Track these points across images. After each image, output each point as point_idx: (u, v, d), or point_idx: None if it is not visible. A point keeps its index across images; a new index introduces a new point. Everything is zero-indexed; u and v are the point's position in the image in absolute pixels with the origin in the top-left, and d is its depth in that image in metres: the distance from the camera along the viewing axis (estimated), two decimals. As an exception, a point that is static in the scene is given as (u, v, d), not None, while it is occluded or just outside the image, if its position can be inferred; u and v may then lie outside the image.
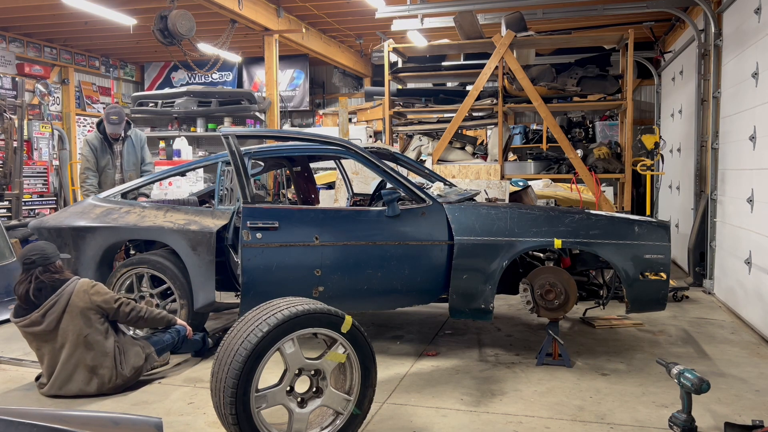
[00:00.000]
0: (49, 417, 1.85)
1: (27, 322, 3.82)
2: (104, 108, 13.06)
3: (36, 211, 9.22)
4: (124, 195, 5.03)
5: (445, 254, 4.31)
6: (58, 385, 3.80)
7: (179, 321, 4.25)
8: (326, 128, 12.58)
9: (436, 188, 4.70)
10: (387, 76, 7.64)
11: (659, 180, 9.36)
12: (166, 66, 14.43)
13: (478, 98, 7.18)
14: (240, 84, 14.11)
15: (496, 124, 7.34)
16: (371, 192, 6.00)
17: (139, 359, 3.96)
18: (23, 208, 7.91)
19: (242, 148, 4.51)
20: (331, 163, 7.62)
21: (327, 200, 7.04)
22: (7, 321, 5.77)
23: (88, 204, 4.95)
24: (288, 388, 2.93)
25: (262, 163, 5.77)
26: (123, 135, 6.62)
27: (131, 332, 4.38)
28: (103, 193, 5.16)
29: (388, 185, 4.97)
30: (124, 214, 4.72)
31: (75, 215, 4.86)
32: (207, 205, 5.74)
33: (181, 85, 13.72)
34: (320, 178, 7.93)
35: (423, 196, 4.45)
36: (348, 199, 6.15)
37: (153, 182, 5.33)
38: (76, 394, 3.77)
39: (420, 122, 8.04)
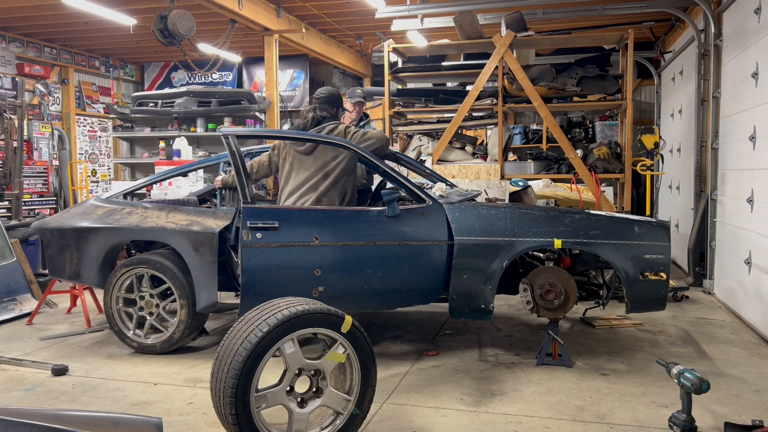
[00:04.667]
0: (49, 417, 1.85)
1: None
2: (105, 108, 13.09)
3: (36, 211, 9.21)
4: (125, 196, 5.04)
5: (445, 254, 4.31)
6: None
7: None
8: (326, 128, 12.55)
9: (438, 189, 4.69)
10: (387, 76, 7.63)
11: (659, 180, 9.36)
12: (166, 66, 14.42)
13: (478, 98, 7.18)
14: (240, 84, 14.11)
15: (496, 124, 7.33)
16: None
17: None
18: (23, 208, 7.91)
19: (242, 149, 4.51)
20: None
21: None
22: (6, 321, 5.77)
23: (90, 205, 4.96)
24: (288, 388, 2.93)
25: None
26: None
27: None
28: (106, 193, 5.18)
29: (389, 185, 4.97)
30: (127, 215, 4.72)
31: (77, 216, 4.87)
32: (207, 204, 5.74)
33: (181, 85, 13.71)
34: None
35: (423, 196, 4.44)
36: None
37: (155, 182, 5.33)
38: None
39: (420, 122, 8.03)
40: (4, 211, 7.38)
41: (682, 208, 8.50)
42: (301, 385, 2.98)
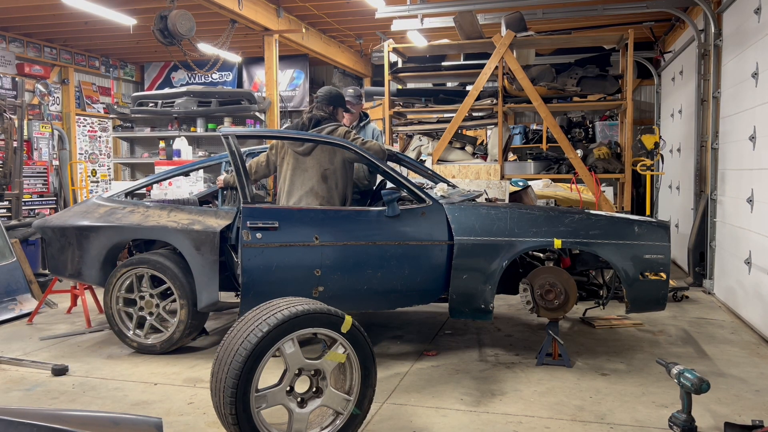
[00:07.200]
0: (49, 417, 1.85)
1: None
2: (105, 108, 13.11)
3: (36, 211, 9.22)
4: (127, 195, 5.05)
5: (445, 254, 4.31)
6: None
7: None
8: (326, 128, 12.54)
9: (440, 189, 4.69)
10: (387, 76, 7.63)
11: (659, 180, 9.36)
12: (166, 66, 14.42)
13: (478, 98, 7.18)
14: (240, 84, 14.11)
15: (496, 124, 7.33)
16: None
17: None
18: (23, 208, 7.91)
19: (243, 149, 4.51)
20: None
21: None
22: (6, 321, 5.77)
23: (92, 203, 4.98)
24: (288, 388, 2.93)
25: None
26: None
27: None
28: (107, 192, 5.20)
29: (389, 185, 4.97)
30: (128, 214, 4.73)
31: (79, 215, 4.88)
32: (209, 206, 5.74)
33: (181, 85, 13.71)
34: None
35: (423, 196, 4.45)
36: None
37: (157, 181, 5.35)
38: None
39: (420, 122, 8.03)
40: (4, 211, 7.39)
41: (682, 208, 8.50)
42: (301, 385, 2.98)
